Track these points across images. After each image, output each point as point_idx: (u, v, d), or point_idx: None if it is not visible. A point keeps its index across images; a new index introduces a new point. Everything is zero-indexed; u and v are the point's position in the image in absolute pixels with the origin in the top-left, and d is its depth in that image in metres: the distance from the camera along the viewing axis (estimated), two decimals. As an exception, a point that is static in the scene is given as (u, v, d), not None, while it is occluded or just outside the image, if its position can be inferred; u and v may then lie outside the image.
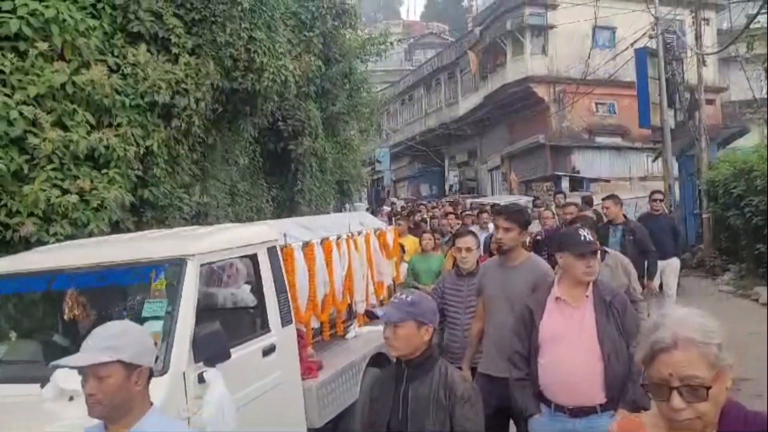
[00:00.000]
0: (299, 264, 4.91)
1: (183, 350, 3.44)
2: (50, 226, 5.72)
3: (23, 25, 5.99)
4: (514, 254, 4.07)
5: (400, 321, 2.58)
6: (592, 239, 3.40)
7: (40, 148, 5.75)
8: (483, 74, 29.16)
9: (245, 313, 4.80)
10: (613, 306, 3.32)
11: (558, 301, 3.35)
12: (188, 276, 3.65)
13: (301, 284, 4.92)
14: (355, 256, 5.88)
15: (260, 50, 7.92)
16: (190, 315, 3.56)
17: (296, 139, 11.40)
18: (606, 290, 3.41)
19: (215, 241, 4.22)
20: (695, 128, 15.70)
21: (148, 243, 4.41)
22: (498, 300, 4.03)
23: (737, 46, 16.58)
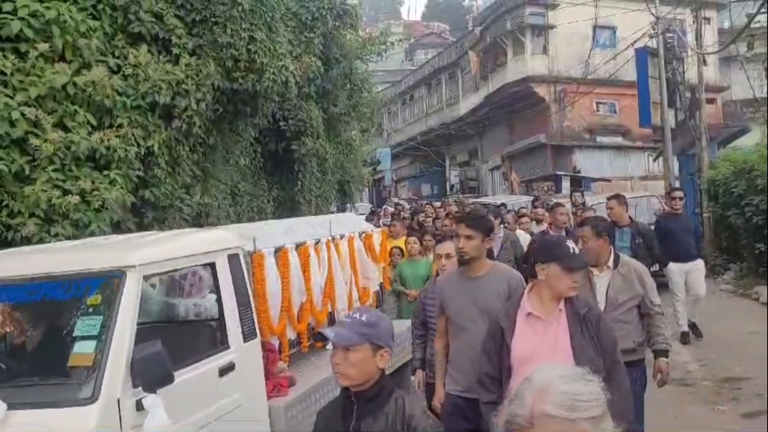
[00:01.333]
0: (271, 271, 4.62)
1: (117, 374, 3.08)
2: (51, 227, 5.73)
3: (24, 26, 6.01)
4: (478, 264, 3.76)
5: (352, 344, 2.19)
6: (578, 252, 3.21)
7: (41, 149, 5.76)
8: (484, 74, 29.17)
9: (202, 328, 4.46)
10: (587, 320, 3.07)
11: (529, 317, 3.09)
12: (127, 290, 3.29)
13: (273, 293, 4.63)
14: (337, 261, 5.55)
15: (261, 51, 7.93)
16: (128, 334, 3.22)
17: (297, 140, 11.41)
18: (580, 303, 3.14)
19: (162, 250, 3.84)
20: (696, 127, 15.70)
21: (85, 253, 3.96)
22: (471, 314, 3.68)
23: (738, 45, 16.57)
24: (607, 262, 4.09)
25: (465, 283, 3.78)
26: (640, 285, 4.05)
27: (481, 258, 3.77)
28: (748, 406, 5.83)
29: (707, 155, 15.37)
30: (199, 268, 4.33)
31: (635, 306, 4.02)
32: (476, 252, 3.71)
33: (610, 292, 3.97)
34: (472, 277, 3.75)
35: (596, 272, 4.04)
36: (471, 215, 4.08)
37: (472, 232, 3.68)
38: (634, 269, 4.12)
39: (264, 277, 4.54)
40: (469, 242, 3.69)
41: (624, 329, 3.86)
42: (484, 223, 3.83)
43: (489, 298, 3.62)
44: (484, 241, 3.75)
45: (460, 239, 3.73)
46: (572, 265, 3.08)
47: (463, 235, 3.71)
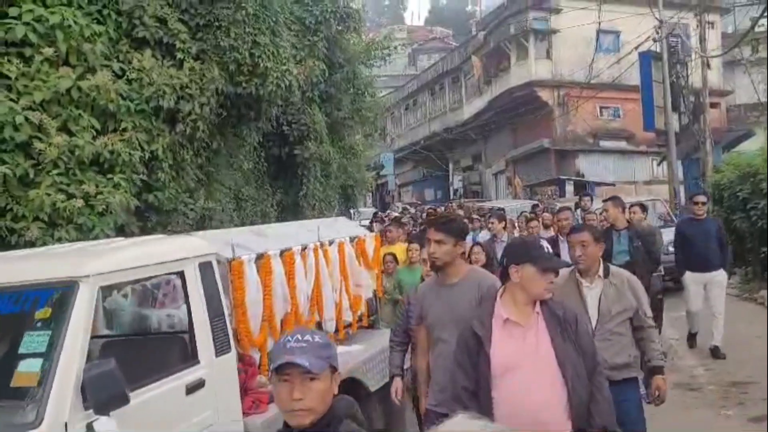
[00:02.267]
0: (251, 279, 4.39)
1: (65, 395, 2.83)
2: (55, 231, 5.74)
3: (29, 31, 6.03)
4: (452, 270, 3.55)
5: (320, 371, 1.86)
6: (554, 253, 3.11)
7: (45, 153, 5.77)
8: (487, 79, 29.20)
9: (170, 342, 4.18)
10: (566, 322, 2.91)
11: (507, 323, 2.89)
12: (79, 302, 3.05)
13: (254, 302, 4.39)
14: (325, 268, 5.31)
15: (264, 55, 7.93)
16: (78, 350, 2.96)
17: (301, 144, 11.42)
18: (555, 305, 2.98)
19: (122, 259, 3.57)
20: (700, 132, 15.68)
21: (37, 262, 3.69)
22: (446, 324, 3.46)
23: (741, 49, 16.58)
24: (597, 272, 3.84)
25: (440, 291, 3.59)
26: (633, 296, 3.82)
27: (455, 263, 3.56)
28: (755, 411, 5.79)
29: (711, 159, 15.35)
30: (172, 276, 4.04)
31: (628, 318, 3.79)
32: (448, 257, 3.50)
33: (602, 303, 3.74)
34: (447, 285, 3.56)
35: (586, 283, 3.82)
36: (442, 218, 3.80)
37: (444, 236, 3.49)
38: (627, 280, 3.89)
39: (243, 286, 4.32)
40: (441, 247, 3.49)
41: (619, 342, 3.71)
42: (457, 227, 3.62)
43: (462, 306, 3.41)
44: (457, 245, 3.54)
45: (431, 244, 3.53)
46: (549, 266, 2.95)
47: (433, 240, 3.52)
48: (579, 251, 3.80)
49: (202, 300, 3.80)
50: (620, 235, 6.67)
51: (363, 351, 5.35)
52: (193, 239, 4.29)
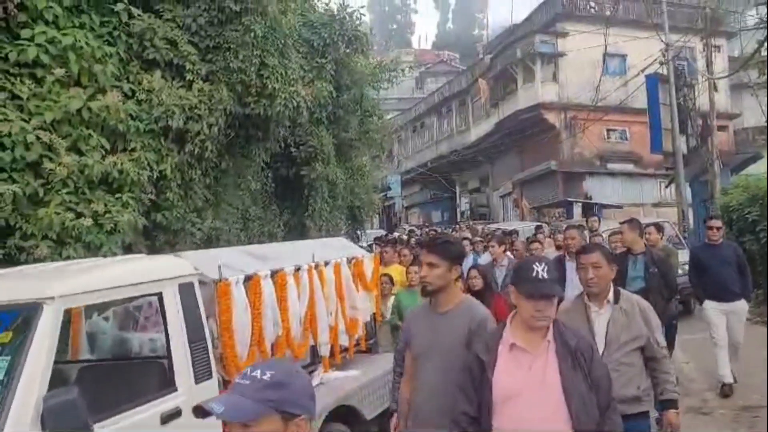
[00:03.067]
0: (239, 301, 4.21)
1: (23, 425, 2.70)
2: (63, 249, 5.76)
3: (41, 52, 6.11)
4: (445, 296, 3.31)
5: (251, 419, 1.56)
6: (547, 278, 2.70)
7: (55, 173, 5.81)
8: (494, 101, 29.33)
9: (147, 367, 4.01)
10: (578, 352, 2.72)
11: (513, 348, 2.73)
12: (42, 326, 2.89)
13: (241, 326, 4.21)
14: (320, 290, 5.13)
15: (273, 76, 8.01)
16: (39, 377, 2.80)
17: (308, 165, 11.46)
18: (569, 333, 2.79)
19: (92, 280, 3.39)
20: (708, 154, 15.65)
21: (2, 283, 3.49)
22: (430, 354, 3.28)
23: (748, 72, 16.60)
24: (607, 297, 3.58)
25: (430, 318, 3.36)
26: (645, 323, 3.53)
27: (448, 290, 3.32)
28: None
29: (720, 181, 15.29)
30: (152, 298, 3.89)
31: (639, 347, 3.50)
32: (441, 282, 3.26)
33: (610, 330, 3.48)
34: (439, 312, 3.32)
35: (595, 308, 3.57)
36: (436, 240, 3.51)
37: (437, 260, 3.25)
38: (637, 305, 3.60)
39: (230, 308, 4.14)
40: (433, 270, 3.25)
41: (627, 373, 3.42)
42: (451, 249, 3.34)
43: (449, 337, 3.21)
44: (451, 270, 3.28)
45: (423, 267, 3.32)
46: (528, 291, 2.70)
47: (425, 263, 3.29)
48: (591, 273, 3.55)
49: (181, 323, 3.64)
50: (636, 259, 6.35)
51: (360, 377, 5.20)
52: (174, 259, 4.13)
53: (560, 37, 26.03)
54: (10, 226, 5.67)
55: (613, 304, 3.56)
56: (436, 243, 3.41)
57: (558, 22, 26.52)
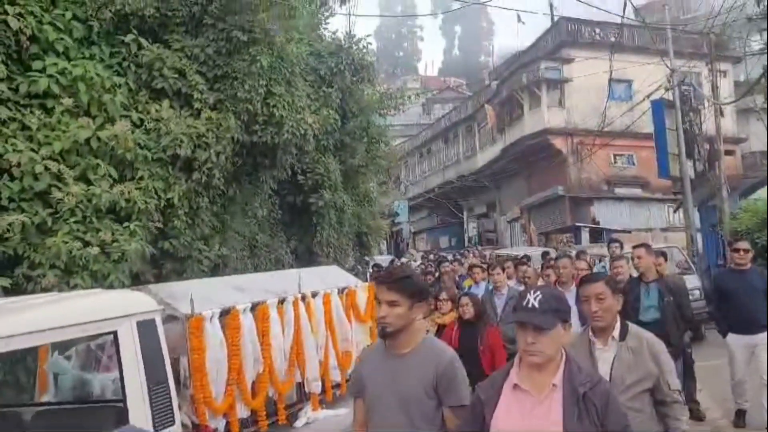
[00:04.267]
0: (213, 337, 3.95)
1: None
2: (71, 278, 5.77)
3: (51, 83, 6.20)
4: (404, 338, 2.96)
5: None
6: (537, 307, 2.47)
7: (63, 202, 5.85)
8: (500, 127, 29.46)
9: (102, 412, 3.70)
10: (589, 401, 2.42)
11: (516, 389, 2.50)
12: None
13: (216, 363, 3.94)
14: (307, 322, 4.87)
15: (280, 105, 8.08)
16: None
17: (315, 192, 11.49)
18: (581, 377, 2.48)
19: (32, 319, 3.11)
20: (715, 178, 15.61)
21: None
22: (388, 401, 2.93)
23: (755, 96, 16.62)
24: (613, 332, 3.27)
25: (386, 361, 3.01)
26: (654, 363, 3.18)
27: (409, 330, 2.97)
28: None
29: (728, 206, 15.22)
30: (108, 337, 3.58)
31: (647, 390, 3.17)
32: (402, 322, 2.92)
33: (615, 370, 3.15)
34: (396, 354, 2.98)
35: (599, 344, 3.26)
36: (395, 275, 3.04)
37: (397, 297, 2.91)
38: (647, 342, 3.25)
39: (203, 346, 3.87)
40: (393, 309, 2.90)
41: (635, 419, 2.96)
42: (413, 285, 2.98)
43: (410, 382, 2.90)
44: (413, 308, 2.95)
45: (382, 306, 2.94)
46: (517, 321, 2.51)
47: (385, 301, 2.92)
48: (594, 306, 3.24)
49: (138, 364, 3.36)
50: (649, 288, 5.91)
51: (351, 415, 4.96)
52: (134, 294, 3.84)
53: (566, 63, 26.22)
54: (19, 256, 5.70)
55: (619, 341, 3.25)
56: (395, 279, 2.99)
57: (563, 48, 26.74)
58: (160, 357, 3.52)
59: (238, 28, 7.65)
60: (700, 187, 16.63)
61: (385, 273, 3.15)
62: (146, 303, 3.65)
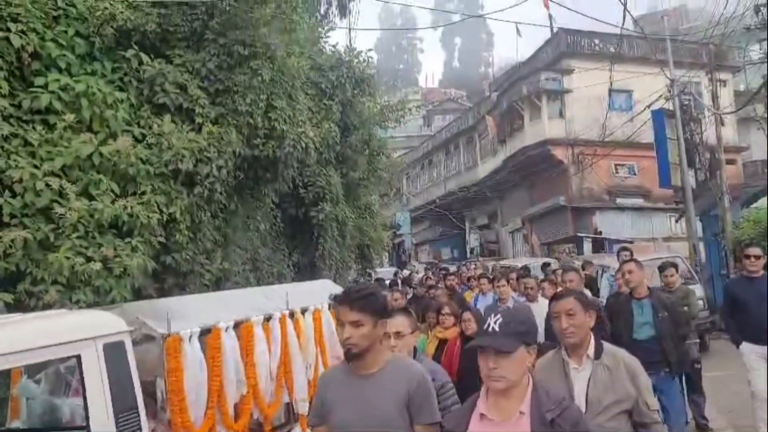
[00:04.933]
0: (192, 358, 3.75)
1: None
2: (73, 294, 5.76)
3: (54, 99, 6.23)
4: (371, 358, 2.84)
5: None
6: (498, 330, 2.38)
7: (65, 217, 5.85)
8: (501, 138, 29.51)
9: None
10: (558, 427, 2.32)
11: (483, 419, 2.38)
12: None
13: (196, 386, 3.74)
14: (295, 340, 4.69)
15: (281, 118, 8.11)
16: None
17: (317, 205, 11.50)
18: (549, 403, 2.37)
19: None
20: (717, 188, 15.60)
21: None
22: (357, 424, 2.79)
23: (755, 106, 16.65)
24: (587, 351, 3.14)
25: (354, 384, 2.85)
26: (632, 383, 3.05)
27: (374, 350, 2.85)
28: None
29: (730, 215, 15.20)
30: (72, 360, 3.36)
31: (625, 411, 3.03)
32: (367, 342, 2.80)
33: (591, 390, 3.03)
34: (364, 376, 2.84)
35: (573, 364, 3.13)
36: (356, 293, 2.88)
37: (361, 316, 2.79)
38: (623, 362, 3.12)
39: (180, 367, 3.65)
40: (358, 330, 2.79)
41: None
42: (375, 303, 2.87)
43: (382, 403, 2.76)
44: (377, 326, 2.84)
45: (346, 327, 2.81)
46: (475, 343, 2.41)
47: (348, 322, 2.80)
48: (564, 323, 3.13)
49: (104, 390, 3.17)
50: (641, 304, 5.70)
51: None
52: (101, 315, 3.61)
53: (566, 74, 26.29)
54: (21, 271, 5.70)
55: (594, 360, 3.12)
56: (357, 298, 2.84)
57: (563, 59, 26.82)
58: (129, 382, 3.32)
59: (239, 42, 7.69)
60: (702, 196, 16.62)
61: (345, 292, 2.94)
62: (114, 324, 3.43)
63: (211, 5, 7.73)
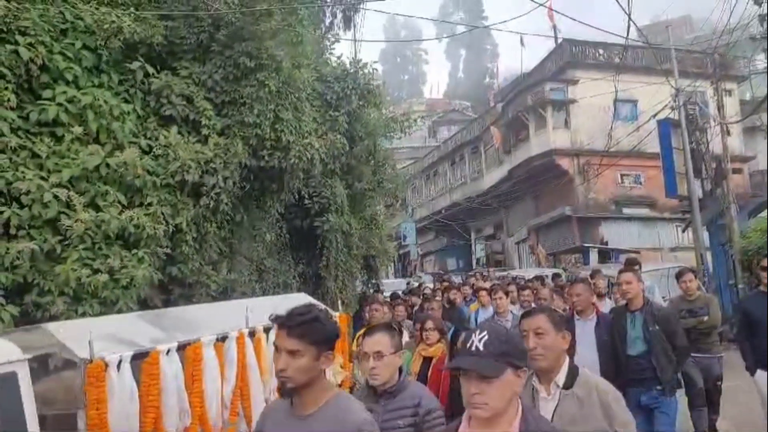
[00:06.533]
0: (119, 388, 3.31)
1: None
2: (79, 305, 5.78)
3: (61, 111, 6.27)
4: (310, 394, 2.44)
5: None
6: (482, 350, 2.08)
7: (72, 229, 5.88)
8: (507, 148, 29.51)
9: None
10: None
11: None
12: None
13: (124, 418, 3.31)
14: (254, 362, 4.26)
15: (287, 129, 8.14)
16: None
17: (322, 216, 11.51)
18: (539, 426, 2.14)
19: None
20: (724, 197, 15.54)
21: None
22: None
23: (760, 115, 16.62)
24: (557, 377, 2.81)
25: (289, 424, 2.48)
26: (604, 415, 2.72)
27: (315, 385, 2.43)
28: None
29: (737, 225, 15.13)
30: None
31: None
32: (306, 376, 2.38)
33: (555, 422, 2.68)
34: (299, 416, 2.45)
35: (543, 393, 2.81)
36: (298, 316, 2.44)
37: (300, 345, 2.37)
38: (597, 390, 2.78)
39: (103, 398, 3.22)
40: (295, 360, 2.37)
41: None
42: (320, 331, 2.43)
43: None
44: (320, 358, 2.41)
45: (281, 356, 2.40)
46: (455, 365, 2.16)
47: (284, 350, 2.39)
48: (532, 342, 2.79)
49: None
50: (634, 317, 5.26)
51: None
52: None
53: (570, 84, 26.32)
54: (28, 283, 5.72)
55: (563, 390, 2.78)
56: (298, 322, 2.42)
57: (568, 69, 26.87)
58: (21, 418, 2.89)
59: (245, 54, 7.74)
60: (709, 206, 16.55)
61: (287, 315, 2.47)
62: (6, 352, 2.98)
63: (217, 18, 7.79)
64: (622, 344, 5.23)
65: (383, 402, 3.12)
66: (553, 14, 27.38)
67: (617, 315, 5.48)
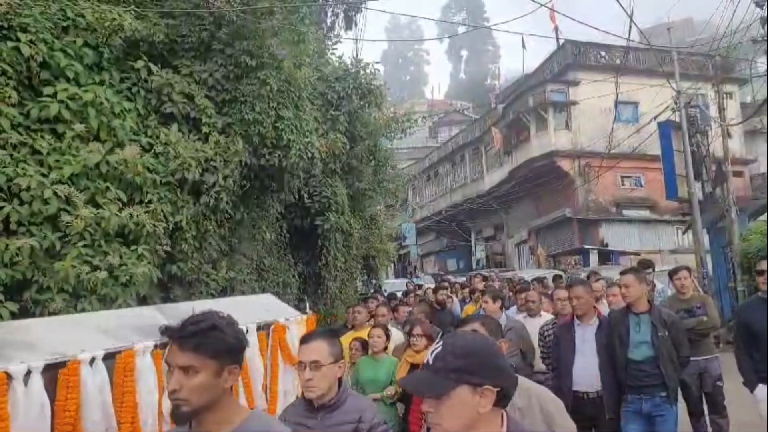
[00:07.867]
0: (26, 403, 2.92)
1: None
2: (78, 302, 5.77)
3: (62, 108, 6.27)
4: (212, 418, 2.02)
5: None
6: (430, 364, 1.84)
7: (72, 226, 5.87)
8: (507, 149, 29.53)
9: None
10: None
11: None
12: None
13: None
14: None
15: (287, 128, 8.14)
16: None
17: (322, 215, 11.51)
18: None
19: None
20: (724, 200, 15.54)
21: None
22: None
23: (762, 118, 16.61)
24: None
25: None
26: (546, 426, 2.61)
27: (219, 406, 2.02)
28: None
29: (737, 228, 15.13)
30: None
31: None
32: (205, 398, 1.97)
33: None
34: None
35: None
36: (191, 325, 2.02)
37: (196, 360, 1.97)
38: (538, 399, 2.67)
39: (5, 415, 2.88)
40: (190, 379, 1.96)
41: None
42: (220, 342, 2.01)
43: None
44: (222, 374, 2.00)
45: (174, 374, 1.98)
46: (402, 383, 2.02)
47: (177, 367, 1.97)
48: None
49: None
50: (639, 320, 4.99)
51: None
52: None
53: (572, 85, 26.33)
54: (27, 280, 5.71)
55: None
56: (190, 332, 1.99)
57: (569, 71, 26.88)
58: None
59: (246, 53, 7.74)
60: (709, 208, 16.55)
61: (179, 326, 2.03)
62: None
63: (218, 16, 7.79)
64: (622, 348, 5.01)
65: (321, 416, 2.85)
66: (555, 15, 27.37)
67: (617, 317, 5.22)
